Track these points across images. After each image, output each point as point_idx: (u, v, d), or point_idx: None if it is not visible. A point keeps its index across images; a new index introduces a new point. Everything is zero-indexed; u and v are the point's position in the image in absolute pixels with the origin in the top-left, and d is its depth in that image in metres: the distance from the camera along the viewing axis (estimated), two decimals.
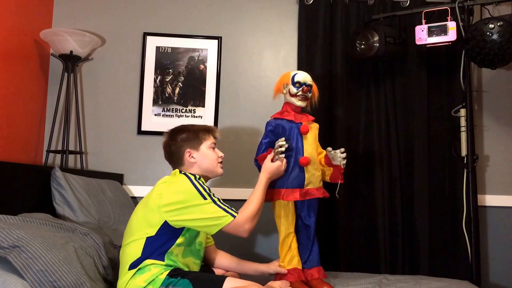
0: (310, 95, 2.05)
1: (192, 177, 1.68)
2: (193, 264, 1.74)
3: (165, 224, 1.61)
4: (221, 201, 1.67)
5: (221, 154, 1.85)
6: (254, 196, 1.77)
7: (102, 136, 2.77)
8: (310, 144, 2.00)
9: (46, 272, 1.40)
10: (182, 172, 1.74)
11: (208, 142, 1.82)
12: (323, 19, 2.76)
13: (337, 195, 2.03)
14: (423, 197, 2.64)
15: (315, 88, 2.10)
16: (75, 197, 2.03)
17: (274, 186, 1.96)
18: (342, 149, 1.94)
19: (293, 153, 1.97)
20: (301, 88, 2.00)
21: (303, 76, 2.02)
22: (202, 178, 1.72)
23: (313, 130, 2.05)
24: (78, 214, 2.00)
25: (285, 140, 1.91)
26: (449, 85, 2.75)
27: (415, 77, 2.73)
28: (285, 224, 1.97)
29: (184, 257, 1.69)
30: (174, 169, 1.81)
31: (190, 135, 1.80)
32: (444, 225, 2.66)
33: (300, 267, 1.97)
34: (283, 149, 1.88)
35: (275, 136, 2.00)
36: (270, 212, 2.02)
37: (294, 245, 1.98)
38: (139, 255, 1.60)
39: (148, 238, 1.61)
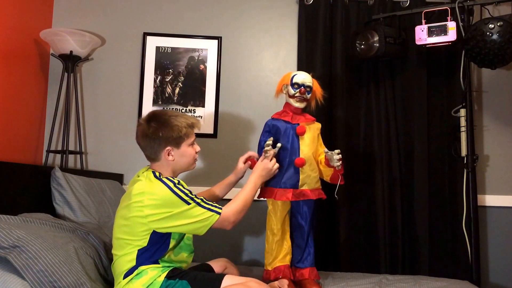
0: (309, 96, 2.04)
1: (171, 184, 1.58)
2: (187, 258, 1.72)
3: (154, 233, 1.58)
4: (204, 200, 1.64)
5: (198, 149, 1.76)
6: (242, 193, 1.78)
7: (102, 136, 2.77)
8: (307, 145, 2.00)
9: (46, 272, 1.40)
10: (157, 174, 1.63)
11: (190, 139, 1.71)
12: (323, 19, 2.76)
13: (336, 196, 2.02)
14: (423, 197, 2.64)
15: (316, 87, 2.08)
16: (75, 197, 2.03)
17: (268, 185, 1.98)
18: (337, 151, 1.91)
19: (287, 153, 1.98)
20: (298, 90, 2.00)
21: (302, 78, 2.02)
22: (181, 181, 1.64)
23: (312, 130, 2.05)
24: (78, 214, 2.00)
25: (274, 141, 1.94)
26: (449, 85, 2.75)
27: (415, 77, 2.73)
28: (273, 220, 2.01)
29: (176, 255, 1.68)
30: (146, 156, 1.71)
31: (173, 133, 1.65)
32: (444, 225, 2.66)
33: (284, 263, 1.99)
34: (269, 147, 1.90)
35: (272, 136, 2.02)
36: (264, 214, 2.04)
37: (285, 242, 2.02)
38: (134, 264, 1.58)
39: (139, 250, 1.58)
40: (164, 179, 1.60)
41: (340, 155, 1.91)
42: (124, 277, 1.58)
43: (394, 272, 2.57)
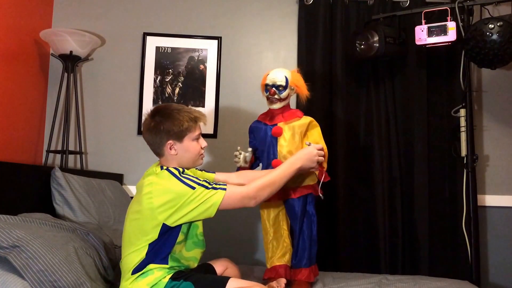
0: (282, 94, 1.96)
1: (177, 172, 1.59)
2: (201, 254, 1.72)
3: (163, 227, 1.57)
4: (209, 182, 1.61)
5: (204, 144, 1.72)
6: (273, 171, 1.74)
7: (102, 136, 2.77)
8: (285, 146, 1.95)
9: (46, 272, 1.40)
10: (164, 167, 1.63)
11: (194, 133, 1.66)
12: (323, 19, 2.76)
13: (320, 195, 1.94)
14: (423, 197, 2.64)
15: (295, 82, 1.98)
16: (75, 197, 2.03)
17: None
18: (319, 145, 1.84)
19: (265, 156, 1.97)
20: (268, 92, 1.96)
21: (272, 78, 1.95)
22: (186, 171, 1.64)
23: (293, 129, 1.96)
24: (78, 214, 2.00)
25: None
26: (449, 85, 2.75)
27: (415, 77, 2.73)
28: (264, 220, 2.03)
29: (188, 250, 1.66)
30: (152, 150, 1.70)
31: (174, 126, 1.62)
32: (444, 225, 2.66)
33: (282, 262, 1.99)
34: (236, 159, 1.95)
35: (254, 139, 2.06)
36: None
37: (281, 241, 2.02)
38: (143, 258, 1.57)
39: (150, 244, 1.57)
40: (170, 168, 1.61)
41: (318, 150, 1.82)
42: (133, 273, 1.57)
43: (394, 272, 2.57)
